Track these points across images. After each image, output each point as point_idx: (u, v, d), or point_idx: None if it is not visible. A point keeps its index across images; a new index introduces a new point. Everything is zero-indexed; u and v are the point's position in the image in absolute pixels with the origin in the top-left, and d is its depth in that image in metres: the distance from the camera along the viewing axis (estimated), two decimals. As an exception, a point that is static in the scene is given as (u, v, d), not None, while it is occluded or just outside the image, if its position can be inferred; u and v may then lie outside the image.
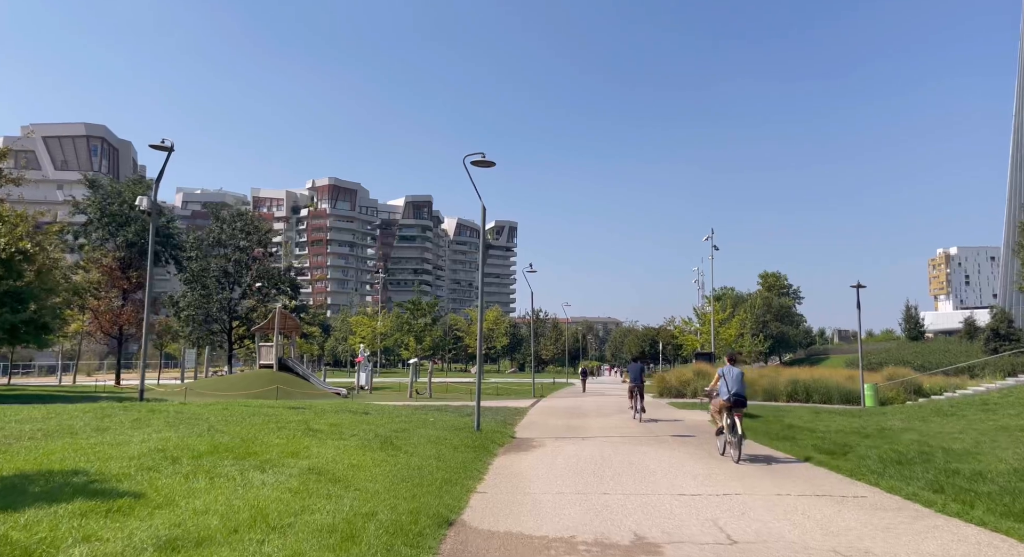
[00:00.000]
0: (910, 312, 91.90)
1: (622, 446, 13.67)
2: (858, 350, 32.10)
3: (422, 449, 11.57)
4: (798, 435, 14.92)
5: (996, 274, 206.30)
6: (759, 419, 19.25)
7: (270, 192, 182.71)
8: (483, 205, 16.00)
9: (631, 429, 17.21)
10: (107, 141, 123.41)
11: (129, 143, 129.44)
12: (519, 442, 14.40)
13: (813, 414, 21.37)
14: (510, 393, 36.19)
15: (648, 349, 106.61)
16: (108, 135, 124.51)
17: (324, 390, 28.96)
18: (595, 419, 20.23)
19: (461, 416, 18.84)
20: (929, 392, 29.11)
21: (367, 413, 18.09)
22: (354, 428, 13.74)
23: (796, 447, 13.10)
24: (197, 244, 39.39)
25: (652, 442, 14.36)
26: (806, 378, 31.31)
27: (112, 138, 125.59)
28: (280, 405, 19.54)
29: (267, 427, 12.93)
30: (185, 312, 37.84)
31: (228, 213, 40.38)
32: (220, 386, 28.13)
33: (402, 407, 22.20)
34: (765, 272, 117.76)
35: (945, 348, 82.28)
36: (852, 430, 15.88)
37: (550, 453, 12.66)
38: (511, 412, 21.97)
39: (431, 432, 14.13)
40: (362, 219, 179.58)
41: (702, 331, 58.94)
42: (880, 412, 22.15)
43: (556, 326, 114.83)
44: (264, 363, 31.24)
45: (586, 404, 27.76)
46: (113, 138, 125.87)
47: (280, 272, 40.22)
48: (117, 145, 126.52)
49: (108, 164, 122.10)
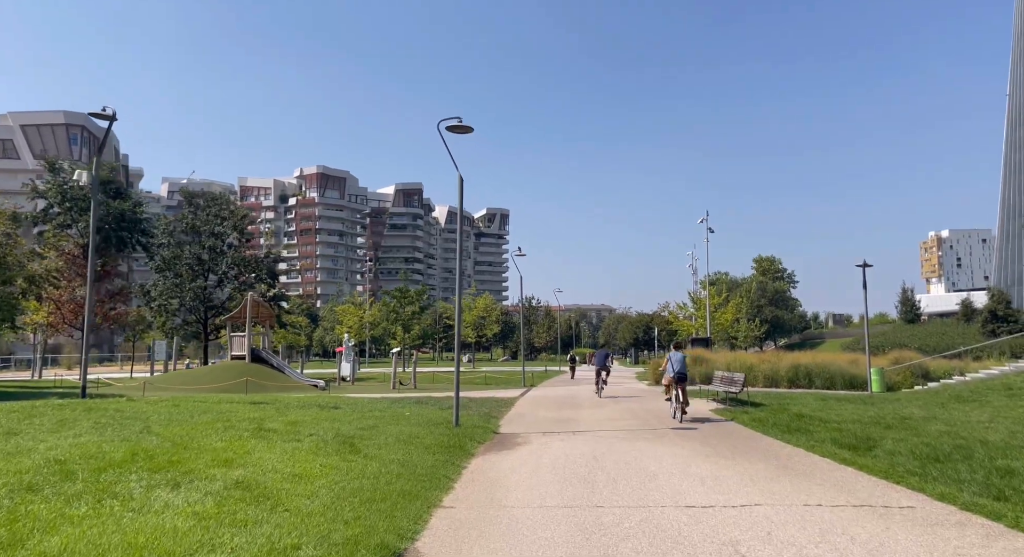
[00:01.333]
0: (906, 295, 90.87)
1: (616, 442, 12.19)
2: (857, 333, 31.13)
3: (387, 451, 10.04)
4: (811, 426, 13.47)
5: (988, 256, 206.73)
6: (764, 408, 17.83)
7: (258, 181, 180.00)
8: (460, 175, 14.39)
9: (626, 422, 15.75)
10: (87, 129, 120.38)
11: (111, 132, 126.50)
12: (502, 439, 12.90)
13: (821, 401, 19.96)
14: (499, 382, 34.71)
15: (642, 335, 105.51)
16: (88, 123, 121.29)
17: (300, 382, 27.38)
18: (588, 410, 18.78)
19: (441, 409, 17.33)
20: (937, 376, 27.84)
21: (337, 407, 16.54)
22: (314, 426, 12.19)
23: (812, 441, 11.64)
24: (169, 230, 37.53)
25: (650, 437, 12.89)
26: (808, 363, 29.95)
27: (93, 126, 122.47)
28: (243, 400, 17.96)
29: (212, 427, 11.36)
30: (157, 301, 36.03)
31: (202, 198, 38.51)
32: (186, 380, 26.46)
33: (380, 400, 20.67)
34: (759, 256, 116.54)
35: (942, 331, 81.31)
36: (870, 420, 14.44)
37: (536, 452, 11.15)
38: (497, 403, 20.48)
39: (403, 429, 12.60)
40: (351, 207, 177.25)
41: (698, 316, 57.59)
42: (892, 398, 20.78)
43: (549, 313, 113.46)
44: (236, 354, 29.51)
45: (579, 393, 26.30)
46: (94, 126, 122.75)
47: (258, 259, 38.40)
48: (98, 133, 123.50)
49: (88, 153, 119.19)
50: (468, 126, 13.89)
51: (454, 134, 14.19)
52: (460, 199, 14.35)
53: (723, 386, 20.33)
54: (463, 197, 14.52)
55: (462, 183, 14.39)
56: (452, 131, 14.01)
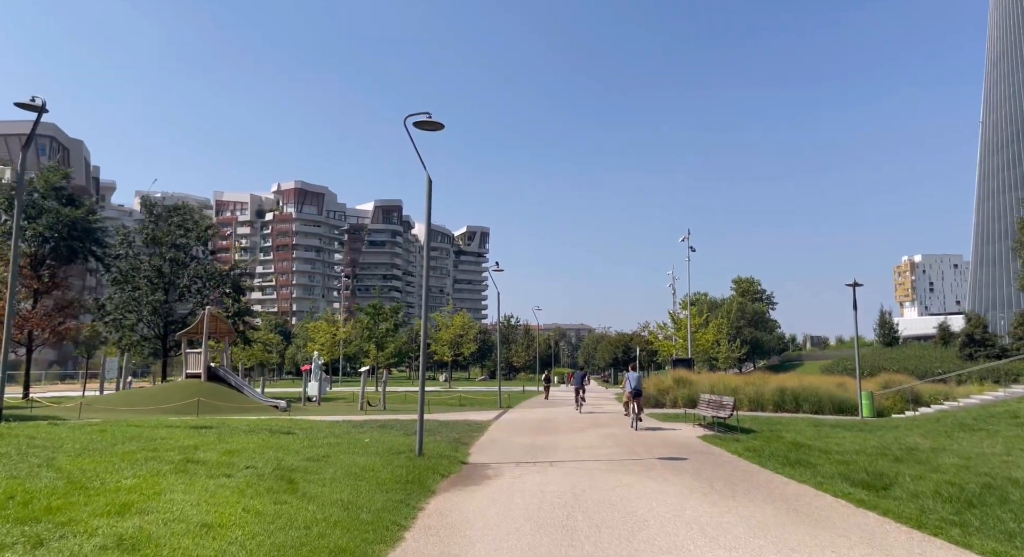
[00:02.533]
0: (884, 318, 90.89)
1: (599, 476, 10.79)
2: (835, 355, 30.68)
3: (332, 489, 8.54)
4: (813, 458, 12.19)
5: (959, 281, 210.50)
6: (756, 435, 16.55)
7: (234, 195, 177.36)
8: (428, 177, 13.06)
9: (608, 449, 14.34)
10: (56, 139, 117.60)
11: (81, 142, 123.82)
12: (470, 471, 11.43)
13: (814, 428, 18.75)
14: (474, 403, 33.12)
15: (621, 356, 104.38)
16: (58, 133, 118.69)
17: (260, 403, 25.54)
18: (567, 436, 17.34)
19: (407, 434, 15.80)
20: (927, 401, 26.86)
21: (290, 433, 14.95)
22: (255, 456, 10.64)
23: (818, 476, 10.34)
24: (127, 241, 35.50)
25: (636, 469, 11.50)
26: (795, 386, 28.85)
27: (63, 137, 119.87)
28: (185, 424, 16.27)
29: (130, 459, 9.77)
30: (111, 316, 33.92)
31: (163, 207, 36.59)
32: (133, 400, 24.47)
33: (342, 423, 19.06)
34: (739, 277, 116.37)
35: (920, 354, 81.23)
36: (874, 450, 13.21)
37: (507, 488, 9.71)
38: (469, 427, 18.98)
39: (357, 460, 11.09)
40: (329, 223, 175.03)
41: (678, 336, 56.55)
42: (888, 425, 19.63)
43: (528, 332, 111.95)
44: (191, 372, 27.55)
45: (557, 416, 24.85)
46: (64, 137, 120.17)
47: (223, 272, 36.44)
48: (67, 144, 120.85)
49: (59, 164, 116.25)
50: (438, 122, 12.60)
51: (427, 134, 12.90)
52: (428, 202, 13.02)
53: (711, 410, 19.04)
54: (431, 200, 13.19)
55: (431, 185, 13.06)
56: (421, 128, 12.71)
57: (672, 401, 30.31)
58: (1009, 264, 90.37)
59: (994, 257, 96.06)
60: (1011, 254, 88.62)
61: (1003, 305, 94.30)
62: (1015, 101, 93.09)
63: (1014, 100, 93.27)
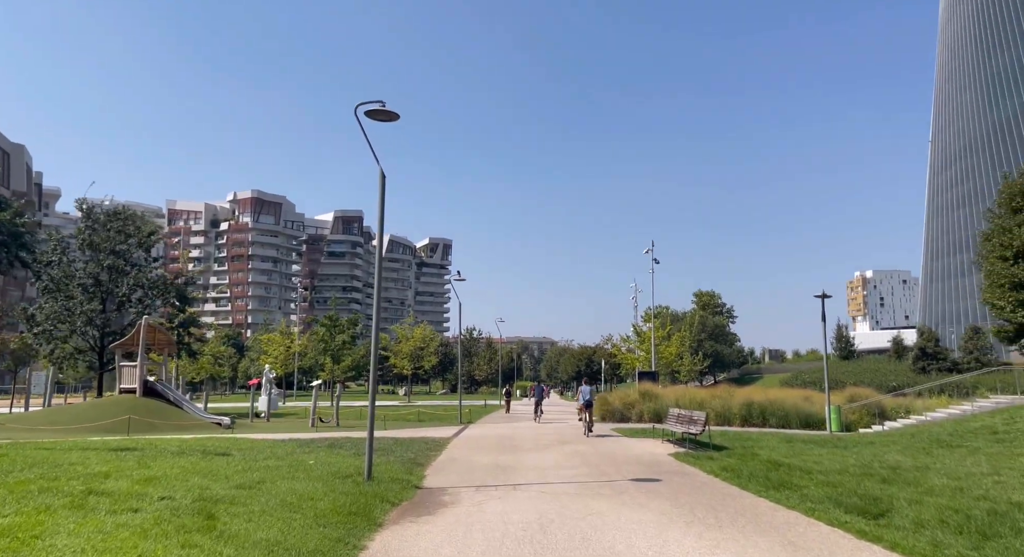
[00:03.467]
0: (841, 332, 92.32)
1: (568, 502, 9.71)
2: (793, 369, 31.01)
3: (259, 525, 7.28)
4: (795, 479, 11.34)
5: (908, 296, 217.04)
6: (730, 452, 15.69)
7: (188, 204, 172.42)
8: (381, 171, 11.93)
9: (576, 470, 13.28)
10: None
11: (23, 147, 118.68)
12: (424, 497, 10.22)
13: (787, 444, 18.04)
14: (434, 419, 31.77)
15: (584, 368, 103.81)
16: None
17: (200, 419, 23.73)
18: (531, 455, 16.24)
19: (357, 454, 14.49)
20: (893, 415, 26.57)
21: (226, 454, 13.51)
22: (175, 485, 9.27)
23: (806, 501, 9.46)
24: (60, 247, 33.10)
25: (607, 493, 10.46)
26: (762, 400, 28.32)
27: (3, 142, 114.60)
28: (106, 445, 14.66)
29: (21, 490, 8.34)
30: (40, 327, 31.51)
31: (102, 211, 34.32)
32: (59, 418, 22.38)
33: (287, 442, 17.59)
34: (700, 291, 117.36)
35: (876, 367, 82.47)
36: (857, 470, 12.44)
37: (465, 518, 8.56)
38: (426, 446, 17.72)
39: (297, 486, 9.80)
40: (287, 234, 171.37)
41: (641, 349, 56.10)
42: (861, 440, 19.04)
43: (491, 345, 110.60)
44: (125, 387, 25.47)
45: (519, 432, 23.73)
46: (4, 141, 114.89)
47: (165, 280, 34.29)
48: (8, 149, 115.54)
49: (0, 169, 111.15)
50: (392, 112, 11.49)
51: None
52: (381, 200, 11.86)
53: (680, 425, 18.15)
54: (384, 199, 12.04)
55: (384, 181, 11.92)
56: (373, 118, 11.58)
57: (638, 415, 29.50)
58: (959, 279, 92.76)
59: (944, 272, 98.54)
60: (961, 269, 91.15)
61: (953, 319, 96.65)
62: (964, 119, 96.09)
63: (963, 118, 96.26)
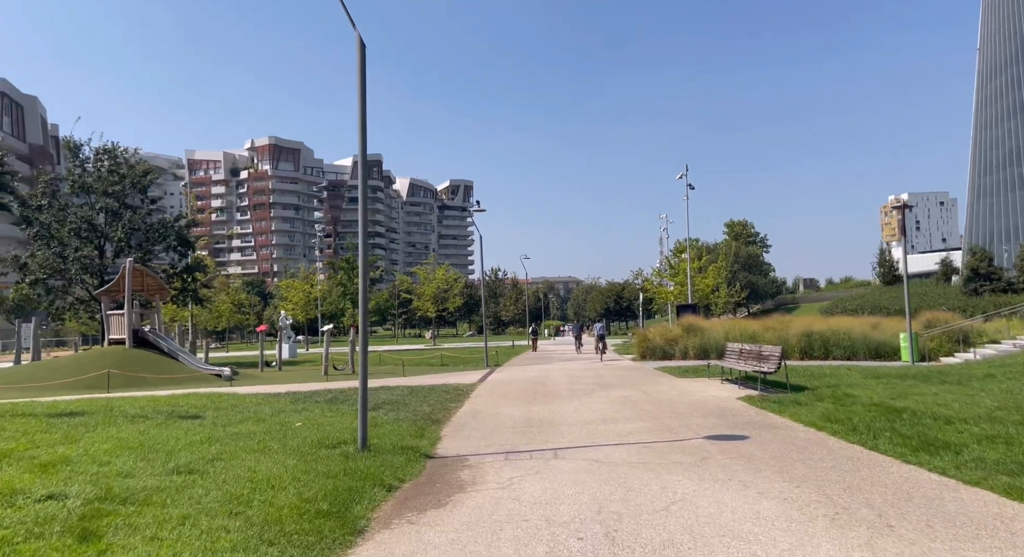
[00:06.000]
0: (883, 255, 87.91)
1: (634, 476, 6.92)
2: (832, 297, 28.01)
3: (162, 548, 4.60)
4: (934, 431, 8.44)
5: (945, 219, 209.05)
6: (812, 394, 12.80)
7: (206, 154, 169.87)
8: (360, 37, 8.79)
9: (631, 423, 10.47)
10: (8, 96, 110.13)
11: (35, 98, 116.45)
12: (434, 474, 7.49)
13: (876, 379, 15.13)
14: (458, 362, 29.31)
15: (612, 305, 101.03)
16: (10, 90, 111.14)
17: (198, 371, 21.43)
18: (570, 403, 13.52)
19: (360, 411, 11.89)
20: (976, 341, 23.33)
21: (196, 417, 11.00)
22: (81, 473, 6.66)
23: (988, 471, 6.56)
24: (49, 190, 30.56)
25: (686, 460, 7.63)
26: (823, 329, 25.28)
27: (15, 93, 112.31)
28: (53, 408, 12.24)
29: None
30: (34, 276, 29.33)
31: (91, 150, 31.66)
32: (37, 374, 20.15)
33: (283, 396, 15.11)
34: (731, 220, 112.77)
35: (923, 291, 78.46)
36: (1006, 416, 9.48)
37: (487, 516, 5.80)
38: (447, 395, 15.13)
39: (260, 466, 7.15)
40: (307, 180, 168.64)
41: (676, 282, 52.89)
42: (965, 372, 16.02)
43: (516, 285, 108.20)
44: (114, 338, 23.18)
45: (551, 374, 21.10)
46: (16, 93, 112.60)
47: (165, 223, 31.69)
48: (21, 101, 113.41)
49: (11, 121, 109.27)
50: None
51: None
52: (362, 74, 8.74)
53: (745, 363, 15.27)
54: (365, 73, 8.92)
55: (363, 51, 8.79)
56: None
57: (682, 352, 26.74)
58: (1010, 194, 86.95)
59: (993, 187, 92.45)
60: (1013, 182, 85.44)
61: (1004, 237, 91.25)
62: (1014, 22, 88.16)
63: (1012, 21, 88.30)
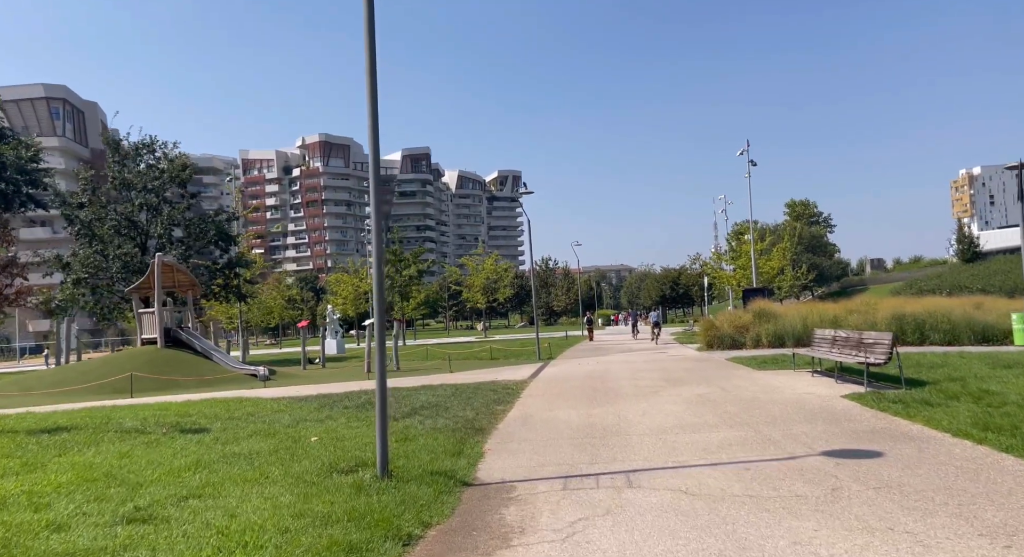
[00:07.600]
0: (963, 231, 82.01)
1: (741, 517, 4.90)
2: (904, 277, 25.08)
3: None
4: None
5: None
6: (933, 390, 10.43)
7: (259, 153, 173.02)
8: None
9: (718, 433, 8.38)
10: (69, 102, 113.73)
11: (95, 104, 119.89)
12: (470, 515, 5.62)
13: (1007, 370, 12.59)
14: (509, 356, 27.49)
15: (669, 292, 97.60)
16: (70, 96, 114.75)
17: (232, 371, 20.29)
18: (636, 404, 11.46)
19: (393, 419, 10.22)
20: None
21: (201, 431, 9.47)
22: (20, 510, 5.06)
23: None
24: (90, 187, 30.10)
25: (813, 495, 5.56)
26: (918, 311, 22.44)
27: (75, 99, 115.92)
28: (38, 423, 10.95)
29: None
30: (75, 275, 28.99)
31: (131, 145, 31.04)
32: (65, 377, 19.24)
33: (311, 400, 13.56)
34: (792, 200, 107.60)
35: (1007, 268, 72.80)
36: None
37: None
38: (494, 396, 13.31)
39: (248, 504, 5.45)
40: (357, 176, 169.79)
41: (738, 265, 49.83)
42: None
43: (567, 275, 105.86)
44: (146, 337, 22.30)
45: (612, 368, 19.07)
46: (76, 99, 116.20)
47: (204, 218, 30.91)
48: (82, 107, 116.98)
49: (73, 127, 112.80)
50: None
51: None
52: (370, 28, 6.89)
53: (843, 353, 12.93)
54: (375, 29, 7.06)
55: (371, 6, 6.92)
56: None
57: (754, 340, 24.31)
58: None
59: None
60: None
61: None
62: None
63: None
